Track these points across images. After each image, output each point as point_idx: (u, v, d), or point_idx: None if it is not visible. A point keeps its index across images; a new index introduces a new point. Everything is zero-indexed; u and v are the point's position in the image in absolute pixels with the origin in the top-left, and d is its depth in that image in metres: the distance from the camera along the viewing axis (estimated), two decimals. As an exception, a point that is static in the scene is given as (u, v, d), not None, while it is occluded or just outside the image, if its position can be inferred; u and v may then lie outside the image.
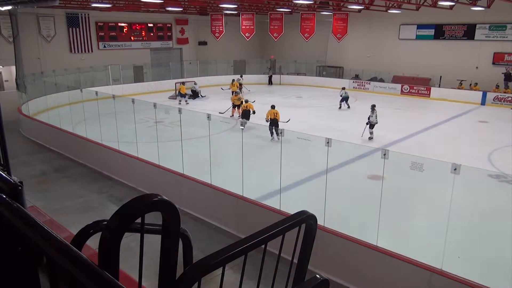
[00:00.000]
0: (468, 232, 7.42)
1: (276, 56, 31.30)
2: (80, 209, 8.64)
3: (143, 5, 21.78)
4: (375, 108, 13.93)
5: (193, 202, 8.34)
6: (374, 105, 14.08)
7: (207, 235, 7.55)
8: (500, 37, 22.01)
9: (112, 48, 24.93)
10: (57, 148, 12.89)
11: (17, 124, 15.67)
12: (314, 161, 10.16)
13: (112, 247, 1.05)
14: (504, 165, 11.19)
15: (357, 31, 26.35)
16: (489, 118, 17.88)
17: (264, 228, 1.28)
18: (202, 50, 29.50)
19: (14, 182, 1.37)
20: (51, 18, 22.19)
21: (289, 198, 8.17)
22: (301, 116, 17.29)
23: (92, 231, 1.41)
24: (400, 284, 5.69)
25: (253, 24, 24.72)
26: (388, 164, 5.88)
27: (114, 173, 10.49)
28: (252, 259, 1.31)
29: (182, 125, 9.27)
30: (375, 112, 13.80)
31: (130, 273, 3.17)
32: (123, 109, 11.34)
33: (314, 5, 22.68)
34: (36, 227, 1.01)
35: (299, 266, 1.51)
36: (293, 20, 25.66)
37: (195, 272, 1.06)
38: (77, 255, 0.93)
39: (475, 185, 9.09)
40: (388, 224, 7.00)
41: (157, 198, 1.11)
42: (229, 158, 10.24)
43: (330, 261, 6.26)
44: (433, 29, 24.35)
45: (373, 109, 13.87)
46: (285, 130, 7.04)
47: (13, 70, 19.98)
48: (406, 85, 24.08)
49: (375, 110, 13.84)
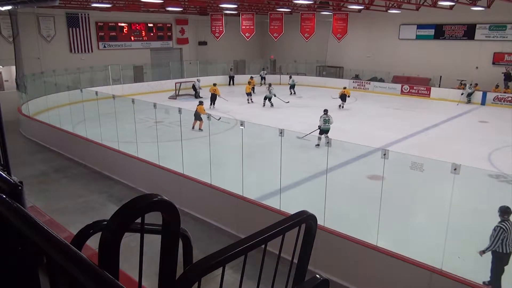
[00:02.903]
0: (468, 232, 7.42)
1: (276, 56, 31.30)
2: (80, 209, 8.64)
3: (143, 5, 21.78)
4: (327, 113, 12.97)
5: (193, 202, 8.34)
6: (326, 110, 13.14)
7: (207, 235, 7.55)
8: (500, 37, 22.01)
9: (112, 48, 24.93)
10: (57, 148, 12.89)
11: (17, 124, 15.67)
12: (314, 161, 10.17)
13: (112, 247, 1.05)
14: (504, 165, 11.19)
15: (357, 31, 26.35)
16: (489, 118, 17.89)
17: (264, 228, 1.28)
18: (202, 50, 29.50)
19: (14, 182, 1.37)
20: (51, 18, 22.19)
21: (289, 198, 8.17)
22: (301, 116, 17.29)
23: (92, 231, 1.41)
24: (400, 284, 5.69)
25: (253, 24, 24.73)
26: (388, 164, 5.88)
27: (114, 173, 10.49)
28: (252, 259, 1.31)
29: (182, 125, 9.26)
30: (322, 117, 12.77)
31: (130, 273, 3.17)
32: (123, 109, 11.34)
33: (314, 5, 22.69)
34: (36, 227, 1.01)
35: (299, 266, 1.51)
36: (293, 20, 25.66)
37: (195, 272, 1.06)
38: (77, 255, 0.93)
39: (475, 185, 9.09)
40: (388, 224, 7.00)
41: (157, 198, 1.11)
42: (229, 158, 10.24)
43: (330, 261, 6.26)
44: (433, 29, 24.35)
45: (325, 113, 12.93)
46: (285, 130, 7.04)
47: (13, 70, 19.96)
48: (406, 85, 24.09)
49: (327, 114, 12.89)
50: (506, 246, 5.46)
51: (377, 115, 18.31)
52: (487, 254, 5.65)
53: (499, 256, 5.53)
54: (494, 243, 5.49)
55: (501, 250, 5.50)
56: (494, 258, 5.58)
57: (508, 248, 5.49)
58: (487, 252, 5.63)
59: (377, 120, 16.95)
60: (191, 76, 25.87)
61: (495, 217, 8.09)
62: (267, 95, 19.76)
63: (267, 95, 19.72)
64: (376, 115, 18.30)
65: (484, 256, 5.68)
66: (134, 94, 20.42)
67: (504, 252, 5.50)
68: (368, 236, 6.15)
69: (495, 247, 5.51)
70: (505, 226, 5.45)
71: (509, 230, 5.45)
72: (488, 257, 6.60)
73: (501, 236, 5.43)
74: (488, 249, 5.59)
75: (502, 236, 5.43)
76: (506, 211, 5.56)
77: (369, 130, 14.97)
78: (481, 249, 5.68)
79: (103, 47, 24.62)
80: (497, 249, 5.52)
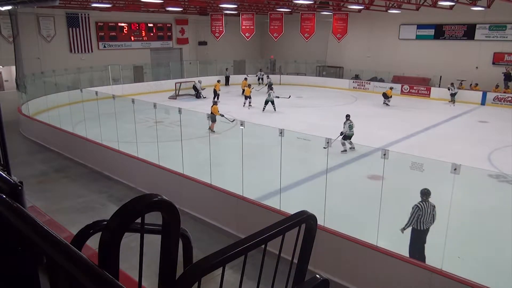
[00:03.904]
0: (468, 232, 7.42)
1: (276, 56, 31.30)
2: (80, 209, 8.64)
3: (143, 5, 21.78)
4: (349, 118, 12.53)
5: (193, 202, 8.34)
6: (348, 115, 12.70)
7: (207, 235, 7.55)
8: (500, 37, 22.01)
9: (112, 48, 24.93)
10: (57, 148, 12.89)
11: (17, 124, 15.67)
12: (314, 161, 10.17)
13: (112, 247, 1.05)
14: (504, 165, 11.19)
15: (357, 31, 26.34)
16: (489, 118, 17.89)
17: (264, 228, 1.28)
18: (202, 50, 29.50)
19: (14, 182, 1.38)
20: (51, 18, 22.19)
21: (289, 198, 8.17)
22: (301, 116, 17.30)
23: (92, 231, 1.41)
24: (400, 284, 5.69)
25: (253, 24, 24.73)
26: (388, 164, 5.88)
27: (114, 173, 10.49)
28: (252, 259, 1.31)
29: (182, 125, 9.27)
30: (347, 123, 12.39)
31: (130, 273, 3.17)
32: (123, 109, 11.34)
33: (314, 5, 22.68)
34: (36, 227, 1.01)
35: (299, 266, 1.51)
36: (293, 20, 25.66)
37: (195, 272, 1.06)
38: (77, 255, 0.93)
39: (475, 185, 9.09)
40: (388, 224, 7.00)
41: (157, 198, 1.11)
42: (229, 158, 10.24)
43: (330, 261, 6.26)
44: (433, 29, 24.35)
45: (347, 118, 12.52)
46: (285, 130, 7.04)
47: (13, 70, 19.97)
48: (406, 85, 24.09)
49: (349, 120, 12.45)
50: (421, 224, 6.05)
51: (377, 115, 18.32)
52: (487, 255, 5.66)
53: (416, 232, 6.11)
54: (410, 220, 6.11)
55: (417, 227, 6.08)
56: (413, 234, 6.17)
57: (424, 226, 6.07)
58: (406, 228, 6.20)
59: (377, 120, 16.95)
60: (191, 76, 25.87)
61: (495, 217, 8.11)
62: (267, 99, 18.69)
63: (268, 98, 18.68)
64: (376, 115, 18.31)
65: (484, 256, 5.69)
66: (134, 94, 20.42)
67: (420, 229, 6.07)
68: (368, 236, 6.15)
69: (411, 224, 6.11)
70: (421, 206, 6.06)
71: (424, 209, 6.03)
72: (488, 257, 6.61)
73: (417, 214, 6.05)
74: (406, 225, 6.19)
75: (417, 214, 6.04)
76: (425, 193, 6.15)
77: (369, 130, 14.96)
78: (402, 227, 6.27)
79: (103, 47, 24.63)
80: (414, 226, 6.10)
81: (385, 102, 20.84)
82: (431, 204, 6.11)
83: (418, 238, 6.13)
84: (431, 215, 6.08)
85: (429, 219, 6.07)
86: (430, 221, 6.09)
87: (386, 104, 20.74)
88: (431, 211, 6.07)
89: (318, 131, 12.60)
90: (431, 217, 6.09)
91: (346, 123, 12.36)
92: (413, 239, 6.18)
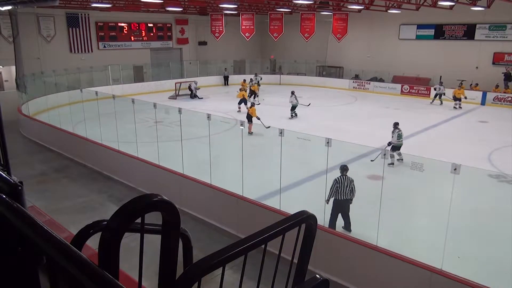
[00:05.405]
0: (468, 232, 7.42)
1: (276, 56, 31.30)
2: (80, 209, 8.64)
3: (143, 5, 21.78)
4: (398, 126, 11.28)
5: (193, 202, 8.34)
6: (397, 123, 11.40)
7: (207, 235, 7.55)
8: (500, 37, 22.01)
9: (112, 48, 24.93)
10: (57, 148, 12.88)
11: (17, 124, 15.66)
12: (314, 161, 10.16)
13: (112, 247, 1.05)
14: (504, 165, 11.19)
15: (357, 31, 26.34)
16: (489, 118, 17.89)
17: (264, 228, 1.28)
18: (202, 50, 29.50)
19: (14, 182, 1.37)
20: (51, 18, 22.19)
21: (289, 198, 8.17)
22: (301, 116, 17.30)
23: (92, 231, 1.41)
24: (400, 284, 5.69)
25: (253, 24, 24.72)
26: (388, 164, 5.88)
27: (114, 173, 10.49)
28: (252, 259, 1.31)
29: (182, 125, 9.27)
30: (395, 132, 11.17)
31: (130, 273, 3.17)
32: (123, 109, 11.34)
33: (314, 5, 22.67)
34: (36, 227, 1.01)
35: (299, 266, 1.51)
36: (293, 20, 25.66)
37: (195, 272, 1.05)
38: (77, 255, 0.93)
39: (475, 185, 9.09)
40: (388, 224, 7.00)
41: (157, 198, 1.11)
42: (229, 158, 10.24)
43: (330, 261, 6.26)
44: (433, 29, 24.36)
45: (395, 127, 11.28)
46: (285, 130, 7.04)
47: (13, 70, 19.95)
48: (406, 85, 24.09)
49: (397, 129, 11.23)
50: (340, 194, 7.05)
51: (377, 115, 18.31)
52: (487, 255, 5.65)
53: (336, 202, 7.12)
54: (330, 192, 7.09)
55: (337, 198, 7.07)
56: (333, 204, 7.15)
57: (342, 196, 7.05)
58: (329, 199, 7.10)
59: (377, 120, 16.94)
60: (191, 76, 25.87)
61: (495, 217, 8.11)
62: (294, 104, 17.02)
63: (294, 103, 16.99)
64: (376, 115, 18.30)
65: (484, 256, 5.69)
66: (134, 94, 20.41)
67: (339, 199, 7.07)
68: (368, 236, 6.15)
69: (332, 195, 7.08)
70: (339, 179, 7.06)
71: (341, 182, 7.03)
72: (488, 257, 6.61)
73: (335, 187, 7.04)
74: (328, 197, 7.10)
75: (335, 187, 7.03)
76: (343, 168, 7.18)
77: (369, 130, 14.96)
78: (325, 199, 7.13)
79: (103, 47, 24.63)
80: (334, 196, 7.08)
81: (455, 106, 19.62)
82: (349, 178, 7.10)
83: (339, 206, 7.12)
84: (349, 188, 7.06)
85: (347, 191, 7.05)
86: (350, 193, 7.11)
87: (457, 107, 19.46)
88: (348, 184, 7.05)
89: (318, 131, 12.61)
90: (350, 190, 7.08)
91: (394, 132, 11.13)
92: (333, 209, 7.16)
